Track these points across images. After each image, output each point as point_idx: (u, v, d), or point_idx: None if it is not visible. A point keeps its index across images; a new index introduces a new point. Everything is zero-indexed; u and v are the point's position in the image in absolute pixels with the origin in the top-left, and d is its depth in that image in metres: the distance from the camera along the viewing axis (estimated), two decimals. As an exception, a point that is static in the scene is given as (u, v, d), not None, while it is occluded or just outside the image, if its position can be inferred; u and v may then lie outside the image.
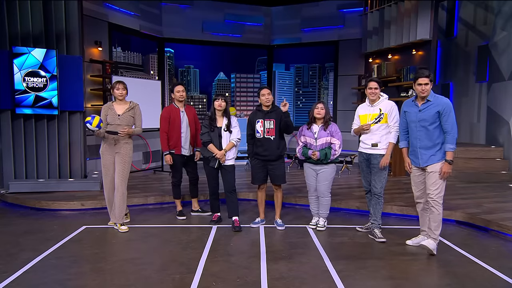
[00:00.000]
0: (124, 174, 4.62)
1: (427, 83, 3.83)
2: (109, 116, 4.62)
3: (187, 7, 9.85)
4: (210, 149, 4.66)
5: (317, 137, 4.52)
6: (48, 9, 6.40)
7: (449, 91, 9.49)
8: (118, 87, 4.63)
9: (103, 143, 4.67)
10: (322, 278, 3.36)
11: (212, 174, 4.81)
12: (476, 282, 3.32)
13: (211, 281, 3.25)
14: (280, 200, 4.86)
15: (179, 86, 5.14)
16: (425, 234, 4.09)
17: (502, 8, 7.76)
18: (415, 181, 4.11)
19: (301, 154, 4.64)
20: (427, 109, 3.87)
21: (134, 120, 4.73)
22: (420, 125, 3.91)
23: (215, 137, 4.66)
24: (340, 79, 10.16)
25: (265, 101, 4.62)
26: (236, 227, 4.65)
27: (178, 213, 5.25)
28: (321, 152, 4.47)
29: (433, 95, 3.91)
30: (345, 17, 9.91)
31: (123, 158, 4.62)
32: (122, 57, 8.93)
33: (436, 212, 3.90)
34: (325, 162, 4.51)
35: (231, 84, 11.55)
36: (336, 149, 4.50)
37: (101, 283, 3.22)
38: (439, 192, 3.88)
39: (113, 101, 4.77)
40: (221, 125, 4.70)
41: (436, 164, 3.87)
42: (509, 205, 5.43)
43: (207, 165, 4.77)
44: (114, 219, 4.70)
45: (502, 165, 7.42)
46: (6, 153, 6.28)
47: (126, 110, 4.65)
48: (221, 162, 4.70)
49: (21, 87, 6.12)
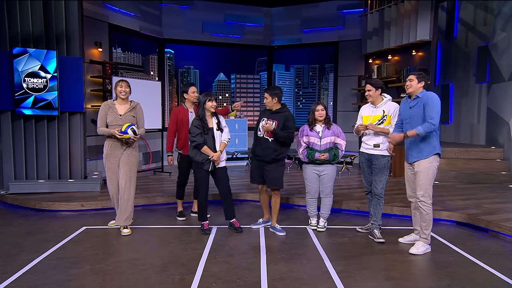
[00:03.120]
0: (133, 177, 4.56)
1: (412, 79, 3.94)
2: (110, 116, 4.47)
3: (187, 8, 9.86)
4: (205, 151, 4.44)
5: (322, 136, 4.50)
6: (48, 10, 6.40)
7: (449, 92, 9.50)
8: (121, 85, 4.50)
9: (108, 146, 4.51)
10: (322, 278, 3.36)
11: (205, 179, 4.57)
12: (476, 282, 3.32)
13: (211, 282, 3.25)
14: (276, 206, 4.64)
15: (193, 87, 5.12)
16: (417, 233, 4.14)
17: (502, 9, 7.76)
18: (407, 180, 4.16)
19: (305, 156, 4.53)
20: (416, 106, 3.94)
21: (136, 120, 4.60)
22: (412, 121, 3.96)
23: (209, 139, 4.48)
24: (340, 80, 10.16)
25: (265, 103, 4.60)
26: (237, 228, 4.63)
27: (178, 214, 5.24)
28: (330, 153, 4.45)
29: (424, 92, 3.94)
30: (345, 18, 9.92)
31: (131, 161, 4.54)
32: (122, 58, 8.93)
33: (424, 212, 3.94)
34: (334, 162, 4.53)
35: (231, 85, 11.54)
36: (342, 149, 4.53)
37: (101, 284, 3.22)
38: (424, 192, 3.92)
39: (114, 100, 4.63)
40: (212, 126, 4.53)
41: (422, 161, 3.92)
42: (509, 206, 5.42)
43: (200, 169, 4.52)
44: (118, 221, 4.59)
45: (502, 166, 7.42)
46: (6, 154, 6.29)
47: (127, 110, 4.53)
48: (215, 165, 4.54)
49: (21, 88, 6.13)
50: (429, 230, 3.97)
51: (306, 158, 4.54)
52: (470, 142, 8.87)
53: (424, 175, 3.91)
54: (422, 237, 4.01)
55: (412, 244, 4.09)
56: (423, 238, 4.00)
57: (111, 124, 4.47)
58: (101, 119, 4.50)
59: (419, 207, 3.99)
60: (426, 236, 3.98)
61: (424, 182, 3.91)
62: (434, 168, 3.94)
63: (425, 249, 3.97)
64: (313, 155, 4.47)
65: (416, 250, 3.95)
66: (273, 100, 4.51)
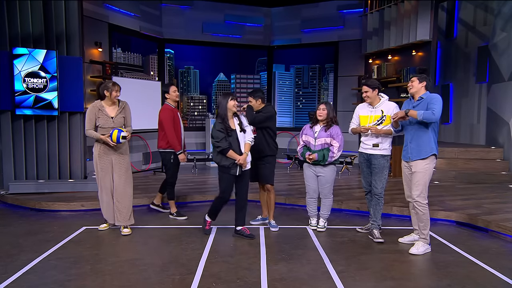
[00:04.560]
0: (128, 175, 4.57)
1: (413, 80, 4.02)
2: (101, 118, 4.40)
3: (187, 8, 9.86)
4: (231, 156, 4.16)
5: (317, 137, 4.52)
6: (48, 10, 6.40)
7: (449, 92, 9.50)
8: (116, 89, 4.44)
9: (98, 146, 4.49)
10: (322, 279, 3.36)
11: (231, 184, 4.32)
12: (476, 282, 3.32)
13: (211, 282, 3.25)
14: (271, 202, 4.78)
15: (174, 86, 5.21)
16: (417, 233, 4.15)
17: (502, 9, 7.77)
18: (405, 180, 4.18)
19: (300, 154, 4.64)
20: (419, 105, 3.97)
21: (125, 120, 4.58)
22: (413, 121, 3.98)
23: (233, 141, 4.21)
24: (340, 80, 10.16)
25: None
26: (249, 235, 4.41)
27: (176, 214, 5.24)
28: (319, 153, 4.45)
29: (428, 94, 3.99)
30: (345, 18, 9.92)
31: (124, 159, 4.56)
32: (122, 58, 8.94)
33: (420, 213, 3.97)
34: (323, 163, 4.50)
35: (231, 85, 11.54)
36: (334, 151, 4.43)
37: (101, 284, 3.22)
38: (419, 192, 3.94)
39: (101, 101, 4.51)
40: (235, 127, 4.28)
41: (420, 162, 3.95)
42: (509, 206, 5.43)
43: (226, 174, 4.26)
44: (120, 222, 4.57)
45: (502, 166, 7.42)
46: (6, 154, 6.29)
47: (118, 112, 4.50)
48: (242, 168, 4.29)
49: (21, 88, 6.13)
50: (427, 230, 3.99)
51: (301, 156, 4.63)
52: (470, 142, 8.87)
53: (421, 175, 3.94)
54: (421, 237, 4.04)
55: (412, 244, 4.09)
56: (422, 238, 4.02)
57: (103, 127, 4.43)
58: (90, 122, 4.43)
59: (415, 207, 4.01)
60: (425, 236, 4.00)
61: (421, 182, 3.93)
62: (431, 168, 3.98)
63: (425, 249, 3.98)
64: (305, 154, 4.55)
65: (416, 250, 3.96)
66: (257, 102, 4.68)
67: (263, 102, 4.73)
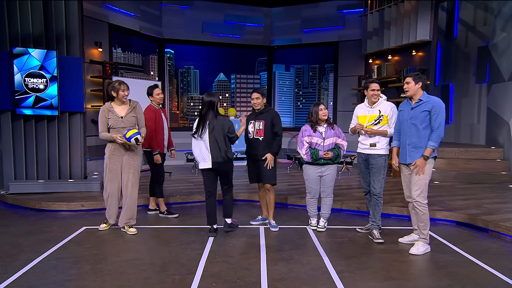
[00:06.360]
0: (136, 181, 4.57)
1: (408, 81, 3.96)
2: (111, 119, 4.41)
3: (187, 8, 9.87)
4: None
5: (325, 137, 4.50)
6: (48, 10, 6.40)
7: (449, 92, 9.51)
8: (123, 89, 4.41)
9: (111, 146, 4.47)
10: (322, 278, 3.36)
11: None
12: (476, 282, 3.32)
13: (211, 282, 3.25)
14: (271, 202, 4.79)
15: (158, 89, 5.27)
16: (417, 232, 4.15)
17: (502, 9, 7.77)
18: (405, 180, 4.17)
19: (310, 156, 4.50)
20: (418, 108, 3.94)
21: (137, 120, 4.56)
22: (411, 123, 3.98)
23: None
24: (340, 80, 10.17)
25: (253, 104, 4.74)
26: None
27: (167, 212, 5.31)
28: (334, 152, 4.47)
29: (426, 95, 3.97)
30: (345, 18, 9.93)
31: (134, 162, 4.54)
32: (122, 58, 8.94)
33: (420, 213, 3.96)
34: (337, 162, 4.55)
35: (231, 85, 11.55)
36: (344, 149, 4.56)
37: (101, 284, 3.22)
38: (420, 192, 3.94)
39: (111, 102, 4.52)
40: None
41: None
42: (509, 206, 5.43)
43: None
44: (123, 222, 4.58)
45: (502, 166, 7.42)
46: (6, 154, 6.29)
47: (128, 111, 4.48)
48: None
49: (21, 88, 6.13)
50: (427, 230, 3.98)
51: (310, 158, 4.51)
52: (470, 142, 8.87)
53: (422, 175, 3.92)
54: (421, 237, 4.03)
55: (412, 244, 4.09)
56: (422, 238, 4.02)
57: (113, 127, 4.42)
58: (102, 124, 4.44)
59: (415, 207, 4.00)
60: (425, 236, 3.99)
61: (421, 183, 3.93)
62: (431, 168, 3.98)
63: (425, 249, 3.98)
64: (317, 154, 4.46)
65: (416, 250, 3.96)
66: (263, 99, 4.71)
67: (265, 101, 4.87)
